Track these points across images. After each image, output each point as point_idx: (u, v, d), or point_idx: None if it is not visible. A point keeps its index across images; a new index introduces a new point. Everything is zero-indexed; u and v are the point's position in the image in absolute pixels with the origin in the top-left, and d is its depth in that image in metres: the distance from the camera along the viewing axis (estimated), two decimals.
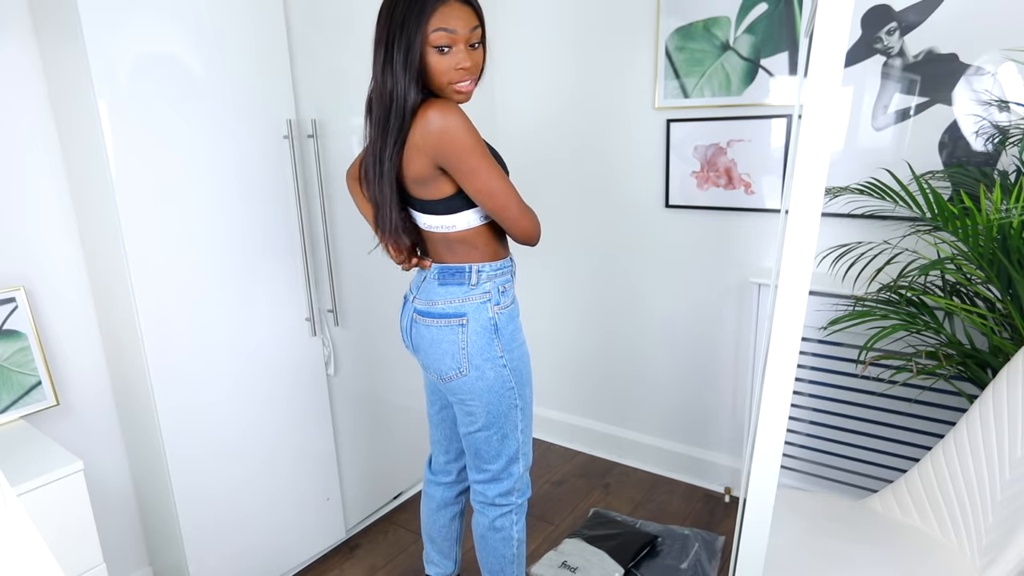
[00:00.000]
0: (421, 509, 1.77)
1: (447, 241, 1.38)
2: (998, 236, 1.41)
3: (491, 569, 1.61)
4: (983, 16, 1.70)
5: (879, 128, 1.90)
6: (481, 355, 1.38)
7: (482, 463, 1.51)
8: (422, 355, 1.45)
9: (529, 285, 2.77)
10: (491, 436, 1.47)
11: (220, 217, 1.67)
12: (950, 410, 1.86)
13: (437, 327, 1.39)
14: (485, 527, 1.57)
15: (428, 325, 1.41)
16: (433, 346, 1.41)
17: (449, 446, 1.66)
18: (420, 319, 1.42)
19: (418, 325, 1.43)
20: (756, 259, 2.22)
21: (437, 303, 1.39)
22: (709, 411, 2.43)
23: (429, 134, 1.23)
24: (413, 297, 1.46)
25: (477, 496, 1.57)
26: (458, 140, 1.23)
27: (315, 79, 1.87)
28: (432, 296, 1.40)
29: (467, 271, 1.38)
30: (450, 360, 1.40)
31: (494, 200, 1.29)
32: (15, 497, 0.62)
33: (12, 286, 1.54)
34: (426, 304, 1.41)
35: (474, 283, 1.38)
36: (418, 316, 1.42)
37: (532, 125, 2.60)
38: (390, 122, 1.26)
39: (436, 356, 1.41)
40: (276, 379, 1.87)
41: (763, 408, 0.98)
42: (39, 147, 1.58)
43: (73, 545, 1.38)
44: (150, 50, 1.48)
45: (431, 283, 1.41)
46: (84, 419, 1.73)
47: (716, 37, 2.10)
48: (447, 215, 1.34)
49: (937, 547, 1.43)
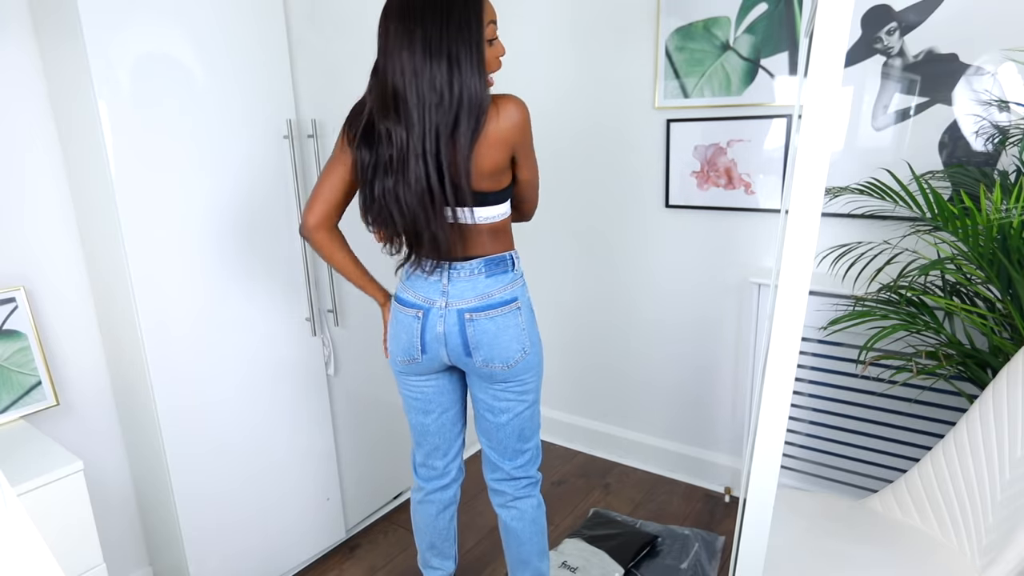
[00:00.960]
0: (417, 519, 1.71)
1: (492, 231, 1.42)
2: (998, 236, 1.41)
3: (541, 549, 1.63)
4: (983, 16, 1.70)
5: (879, 128, 1.90)
6: (534, 332, 1.48)
7: (524, 443, 1.56)
8: (484, 350, 1.43)
9: (529, 284, 2.77)
10: (536, 410, 1.55)
11: (220, 217, 1.67)
12: (950, 410, 1.86)
13: (501, 316, 1.42)
14: (532, 508, 1.60)
15: (492, 317, 1.42)
16: (499, 336, 1.43)
17: (447, 449, 1.65)
18: (479, 315, 1.41)
19: (477, 322, 1.42)
20: (756, 259, 2.22)
21: (494, 294, 1.42)
22: (709, 411, 2.43)
23: (515, 125, 1.32)
24: (444, 303, 1.41)
25: (517, 484, 1.58)
26: (529, 129, 1.36)
27: (315, 79, 1.87)
28: (483, 289, 1.42)
29: (508, 259, 1.44)
30: (516, 344, 1.44)
31: (536, 182, 1.47)
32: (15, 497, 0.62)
33: (12, 286, 1.54)
34: (480, 299, 1.41)
35: (514, 269, 1.46)
36: (474, 313, 1.41)
37: (532, 125, 2.59)
38: (459, 124, 1.26)
39: (503, 344, 1.43)
40: (276, 379, 1.87)
41: (763, 408, 0.98)
42: (39, 147, 1.58)
43: (73, 545, 1.38)
44: (150, 50, 1.48)
45: (475, 278, 1.41)
46: (84, 419, 1.73)
47: (716, 37, 2.10)
48: (499, 205, 1.40)
49: (937, 547, 1.43)
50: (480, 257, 1.41)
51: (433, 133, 1.25)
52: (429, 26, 1.22)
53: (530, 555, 1.62)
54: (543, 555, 1.64)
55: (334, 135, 1.94)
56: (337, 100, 1.93)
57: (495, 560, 2.09)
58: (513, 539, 1.62)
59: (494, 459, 1.58)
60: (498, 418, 1.52)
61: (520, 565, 1.64)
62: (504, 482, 1.59)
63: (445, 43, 1.22)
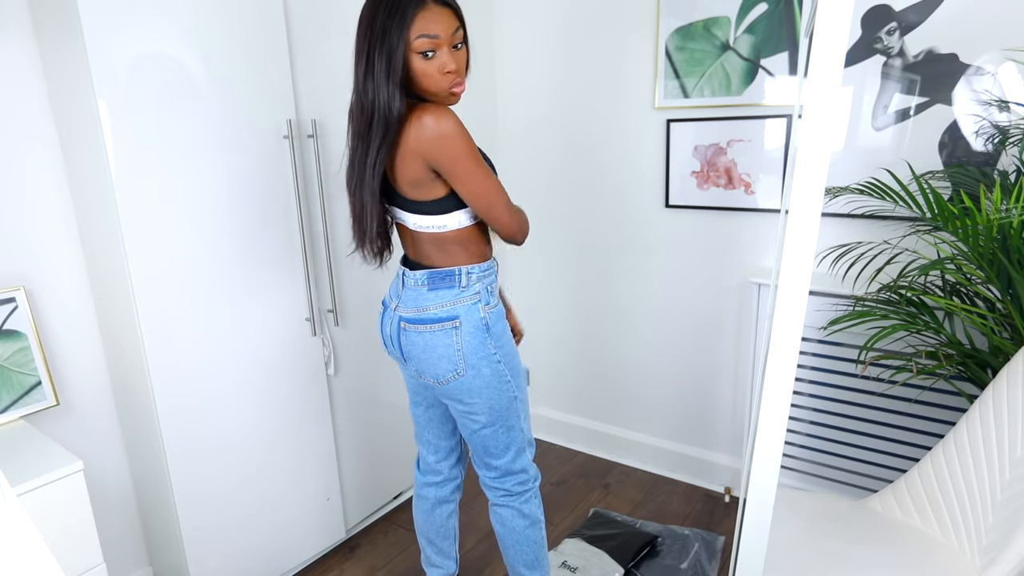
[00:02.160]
0: (415, 511, 1.76)
1: (437, 241, 1.38)
2: (998, 236, 1.41)
3: (527, 561, 1.61)
4: (983, 16, 1.70)
5: (879, 128, 1.90)
6: (476, 354, 1.39)
7: (492, 459, 1.52)
8: (415, 362, 1.43)
9: (528, 285, 2.77)
10: (497, 431, 1.48)
11: (220, 217, 1.67)
12: (950, 410, 1.86)
13: (430, 332, 1.39)
14: (512, 518, 1.58)
15: (420, 332, 1.40)
16: (427, 351, 1.40)
17: (438, 445, 1.66)
18: (410, 327, 1.41)
19: (408, 333, 1.41)
20: (756, 259, 2.22)
21: (428, 308, 1.39)
22: (709, 411, 2.43)
23: (425, 138, 1.25)
24: (395, 305, 1.44)
25: (495, 492, 1.57)
26: (453, 144, 1.26)
27: (315, 79, 1.87)
28: (422, 302, 1.39)
29: (457, 274, 1.38)
30: (446, 363, 1.40)
31: (485, 201, 1.33)
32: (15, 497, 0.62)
33: (12, 286, 1.54)
34: (416, 311, 1.40)
35: (464, 285, 1.39)
36: (407, 324, 1.41)
37: (532, 125, 2.60)
38: (372, 130, 1.27)
39: (431, 361, 1.41)
40: (276, 379, 1.87)
41: (763, 408, 0.98)
42: (39, 148, 1.58)
43: (73, 545, 1.38)
44: (150, 51, 1.48)
45: (418, 289, 1.40)
46: (84, 419, 1.73)
47: (716, 37, 2.10)
48: (439, 215, 1.35)
49: (937, 547, 1.43)
50: (426, 268, 1.40)
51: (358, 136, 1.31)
52: (359, 35, 1.27)
53: (514, 561, 1.63)
54: (531, 566, 1.62)
55: (334, 135, 1.94)
56: (337, 100, 1.93)
57: (495, 560, 2.09)
58: (500, 542, 1.63)
59: (475, 459, 1.58)
60: (463, 428, 1.52)
61: (509, 568, 1.65)
62: (484, 485, 1.60)
63: (365, 52, 1.26)
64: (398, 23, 1.21)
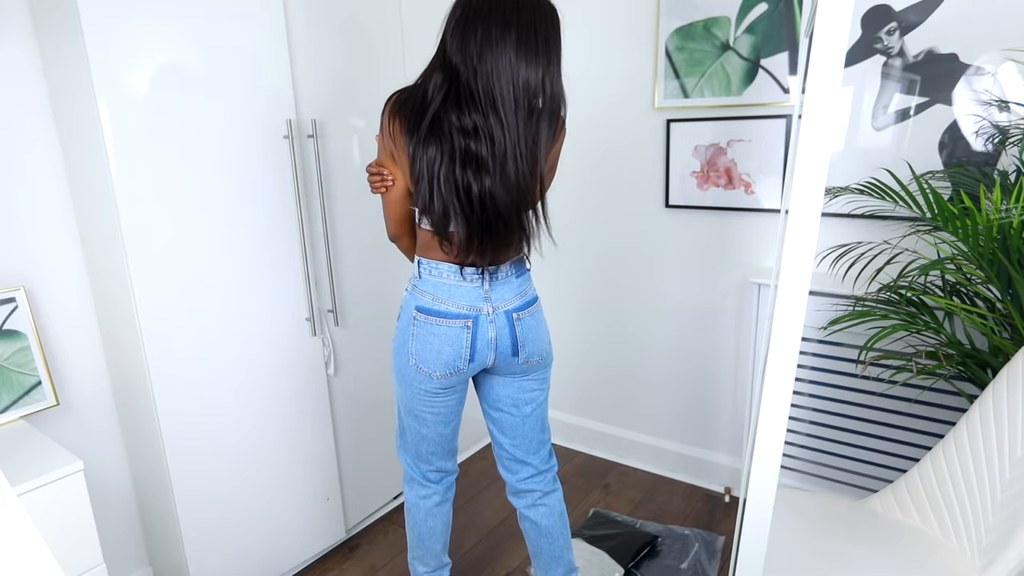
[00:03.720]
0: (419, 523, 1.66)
1: None
2: (998, 236, 1.41)
3: (568, 541, 1.64)
4: (983, 16, 1.70)
5: (879, 128, 1.90)
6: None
7: (544, 432, 1.59)
8: (529, 346, 1.47)
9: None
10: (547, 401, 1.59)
11: (220, 217, 1.67)
12: (950, 410, 1.86)
13: (537, 310, 1.50)
14: (559, 501, 1.62)
15: (532, 313, 1.47)
16: (538, 330, 1.49)
17: (450, 448, 1.65)
18: (522, 314, 1.45)
19: (522, 321, 1.45)
20: (756, 259, 2.22)
21: (527, 292, 1.48)
22: (709, 411, 2.43)
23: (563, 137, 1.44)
24: (491, 308, 1.40)
25: (544, 478, 1.59)
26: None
27: (315, 79, 1.87)
28: (521, 287, 1.46)
29: (524, 259, 1.49)
30: (547, 336, 1.53)
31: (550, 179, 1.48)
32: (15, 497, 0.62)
33: (12, 286, 1.54)
34: (521, 296, 1.46)
35: (529, 267, 1.51)
36: (519, 313, 1.45)
37: None
38: (541, 125, 1.32)
39: (542, 337, 1.50)
40: (276, 379, 1.87)
41: (763, 408, 0.98)
42: (39, 147, 1.58)
43: (73, 545, 1.38)
44: (150, 50, 1.48)
45: (508, 280, 1.43)
46: (84, 419, 1.73)
47: (716, 37, 2.10)
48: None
49: (937, 547, 1.43)
50: (510, 259, 1.44)
51: (528, 133, 1.28)
52: (526, 25, 1.24)
53: (564, 549, 1.62)
54: (570, 545, 1.66)
55: (334, 135, 1.94)
56: (337, 100, 1.93)
57: (495, 560, 2.09)
58: (545, 539, 1.60)
59: (520, 456, 1.56)
60: (523, 410, 1.53)
61: (554, 562, 1.62)
62: (533, 479, 1.58)
63: (542, 41, 1.27)
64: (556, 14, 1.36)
